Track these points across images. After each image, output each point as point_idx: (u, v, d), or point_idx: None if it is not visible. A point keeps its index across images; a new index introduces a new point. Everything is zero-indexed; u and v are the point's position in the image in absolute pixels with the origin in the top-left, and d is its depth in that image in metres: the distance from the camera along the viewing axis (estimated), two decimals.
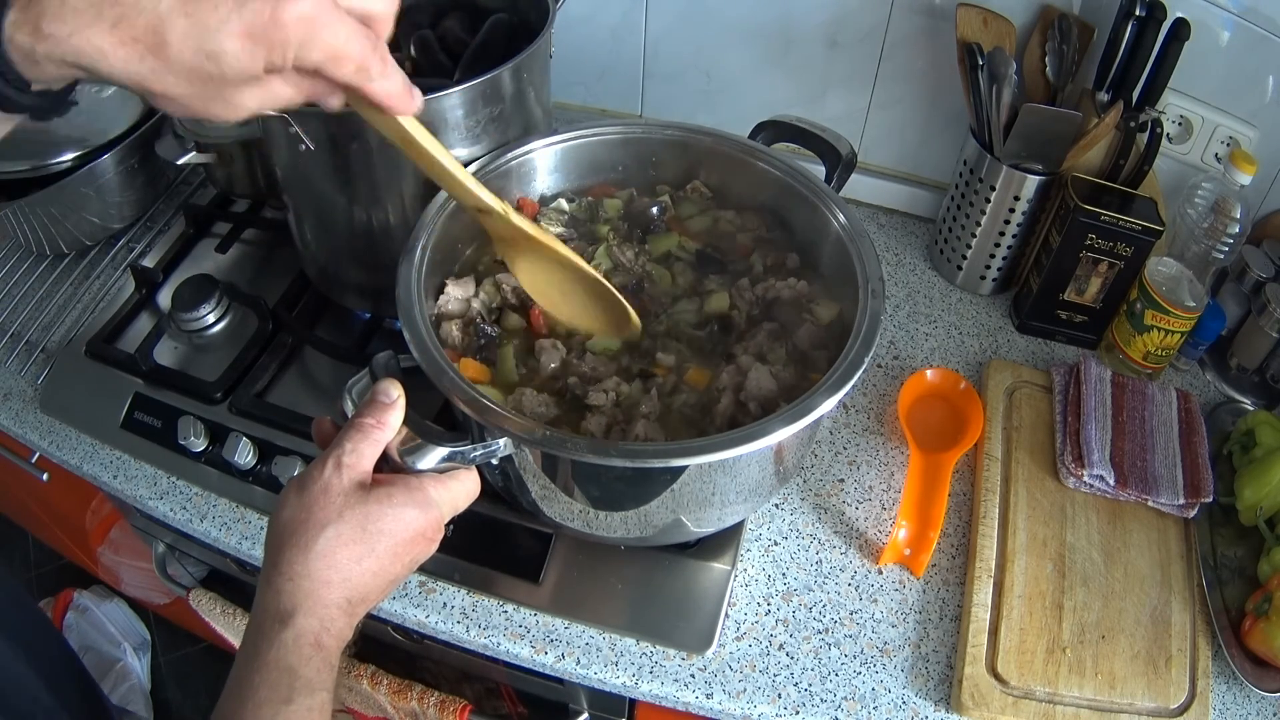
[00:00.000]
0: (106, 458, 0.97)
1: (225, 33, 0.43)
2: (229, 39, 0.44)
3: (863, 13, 1.08)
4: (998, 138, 1.00)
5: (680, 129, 0.90)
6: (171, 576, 1.18)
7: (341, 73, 0.48)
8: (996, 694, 0.78)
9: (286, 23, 0.44)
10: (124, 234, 1.19)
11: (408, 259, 0.75)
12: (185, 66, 0.44)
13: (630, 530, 0.77)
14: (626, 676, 0.81)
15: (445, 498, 0.61)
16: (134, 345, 1.02)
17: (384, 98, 0.51)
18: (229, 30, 0.43)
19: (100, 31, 0.43)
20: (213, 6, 0.43)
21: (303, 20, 0.44)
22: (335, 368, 1.02)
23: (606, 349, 0.79)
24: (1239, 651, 0.81)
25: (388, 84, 0.50)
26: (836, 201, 0.82)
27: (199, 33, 0.43)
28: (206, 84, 0.45)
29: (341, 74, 0.48)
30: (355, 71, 0.48)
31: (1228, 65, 0.96)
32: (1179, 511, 0.90)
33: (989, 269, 1.11)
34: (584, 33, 1.20)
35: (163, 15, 0.43)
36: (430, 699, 0.99)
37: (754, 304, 0.83)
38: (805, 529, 0.91)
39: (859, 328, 0.72)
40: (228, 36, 0.43)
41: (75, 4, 0.42)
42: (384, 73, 0.50)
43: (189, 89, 0.45)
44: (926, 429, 0.98)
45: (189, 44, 0.43)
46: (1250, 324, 1.00)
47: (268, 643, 0.53)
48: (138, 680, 1.75)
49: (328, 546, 0.55)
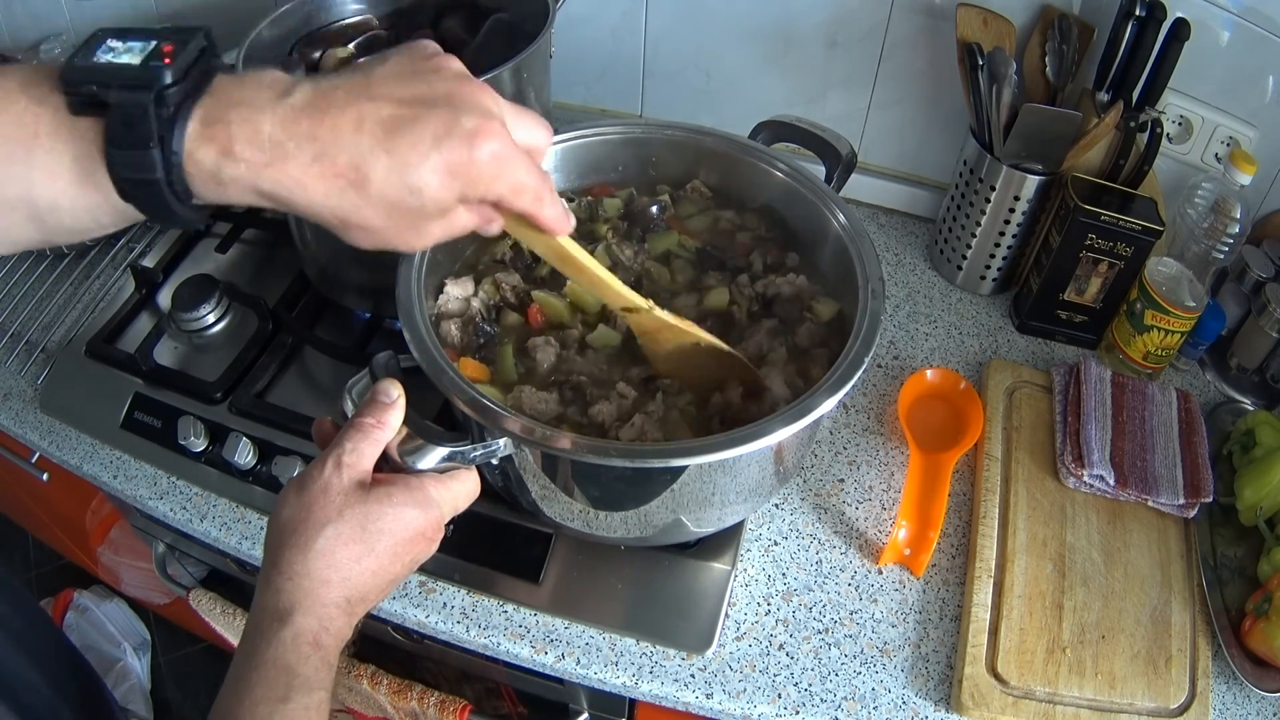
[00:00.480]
0: (106, 458, 0.97)
1: (427, 169, 0.46)
2: (430, 174, 0.46)
3: (863, 13, 1.08)
4: (998, 138, 1.00)
5: (680, 129, 0.90)
6: (171, 576, 1.18)
7: (521, 203, 0.51)
8: (996, 694, 0.78)
9: (481, 160, 0.47)
10: (124, 234, 1.19)
11: (408, 259, 0.75)
12: (386, 201, 0.46)
13: (630, 530, 0.77)
14: (626, 676, 0.81)
15: (445, 497, 0.61)
16: (134, 345, 1.02)
17: (550, 223, 0.54)
18: (430, 166, 0.46)
19: (301, 165, 0.44)
20: (411, 145, 0.45)
21: (494, 158, 0.48)
22: (335, 368, 1.02)
23: (607, 344, 0.79)
24: (1239, 651, 0.81)
25: (554, 210, 0.54)
26: (836, 201, 0.82)
27: (401, 169, 0.45)
28: (404, 216, 0.48)
29: (520, 204, 0.51)
30: (532, 201, 0.52)
31: (1228, 65, 0.96)
32: (1179, 511, 0.90)
33: (989, 269, 1.11)
34: (584, 33, 1.20)
35: (364, 152, 0.45)
36: (430, 699, 0.99)
37: (753, 300, 0.83)
38: (805, 529, 0.91)
39: (859, 328, 0.72)
40: (430, 172, 0.46)
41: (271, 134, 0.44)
42: (552, 201, 0.53)
43: (386, 221, 0.48)
44: (926, 429, 0.98)
45: (391, 180, 0.46)
46: (1250, 324, 1.00)
47: (266, 641, 0.53)
48: (138, 680, 1.75)
49: (327, 546, 0.55)
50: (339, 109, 0.45)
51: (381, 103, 0.46)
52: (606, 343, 0.79)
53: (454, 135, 0.46)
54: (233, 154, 0.44)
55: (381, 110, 0.46)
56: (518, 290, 0.83)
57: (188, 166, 0.44)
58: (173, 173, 0.44)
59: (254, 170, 0.44)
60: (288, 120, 0.44)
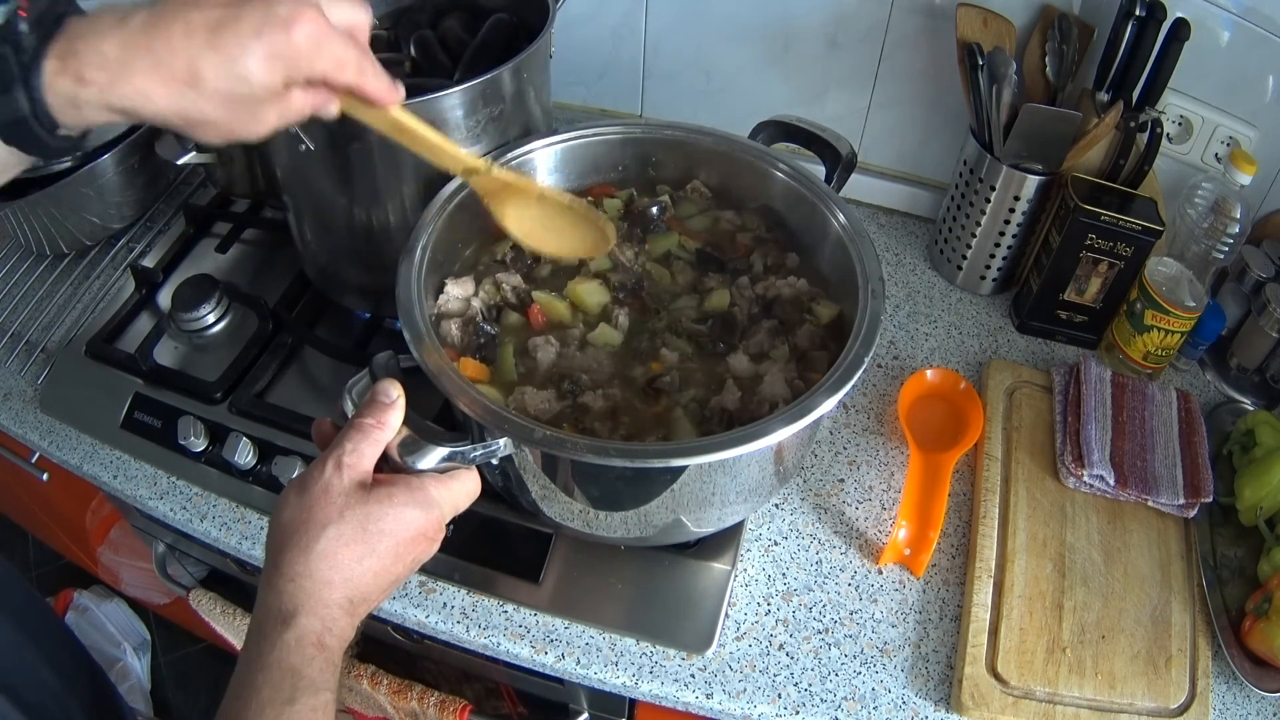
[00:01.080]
0: (106, 458, 0.97)
1: (250, 57, 0.51)
2: (254, 61, 0.51)
3: (863, 13, 1.08)
4: (998, 138, 1.00)
5: (680, 129, 0.90)
6: (171, 576, 1.18)
7: (344, 77, 0.56)
8: (996, 694, 0.78)
9: (298, 41, 0.52)
10: (124, 234, 1.19)
11: (408, 259, 0.75)
12: (221, 93, 0.51)
13: (630, 530, 0.77)
14: (626, 676, 0.81)
15: (446, 497, 0.61)
16: (134, 345, 1.02)
17: (376, 94, 0.58)
18: (253, 55, 0.51)
19: (142, 76, 0.50)
20: (235, 37, 0.50)
21: (309, 37, 0.52)
22: (335, 368, 1.02)
23: (608, 343, 0.79)
24: (1239, 651, 0.81)
25: (378, 82, 0.58)
26: (836, 201, 0.82)
27: (228, 62, 0.51)
28: (240, 104, 0.53)
29: (344, 78, 0.56)
30: (355, 74, 0.56)
31: (1228, 65, 0.96)
32: (1179, 511, 0.90)
33: (989, 269, 1.11)
34: (584, 33, 1.20)
35: (195, 54, 0.50)
36: (430, 699, 0.99)
37: (754, 302, 0.83)
38: (805, 529, 0.91)
39: (859, 328, 0.72)
40: (252, 60, 0.51)
41: (113, 55, 0.49)
42: (375, 72, 0.58)
43: (226, 112, 0.53)
44: (926, 429, 0.98)
45: (221, 73, 0.51)
46: (1250, 324, 1.00)
47: (270, 644, 0.53)
48: (138, 680, 1.75)
49: (329, 547, 0.55)
50: (169, 21, 0.50)
51: (207, 9, 0.51)
52: (607, 342, 0.80)
53: (271, 23, 0.51)
54: (84, 79, 0.49)
55: (207, 15, 0.51)
56: (518, 290, 0.83)
57: (49, 99, 0.49)
58: (37, 107, 0.49)
59: (104, 90, 0.50)
60: (127, 40, 0.50)
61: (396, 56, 0.95)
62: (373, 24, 0.59)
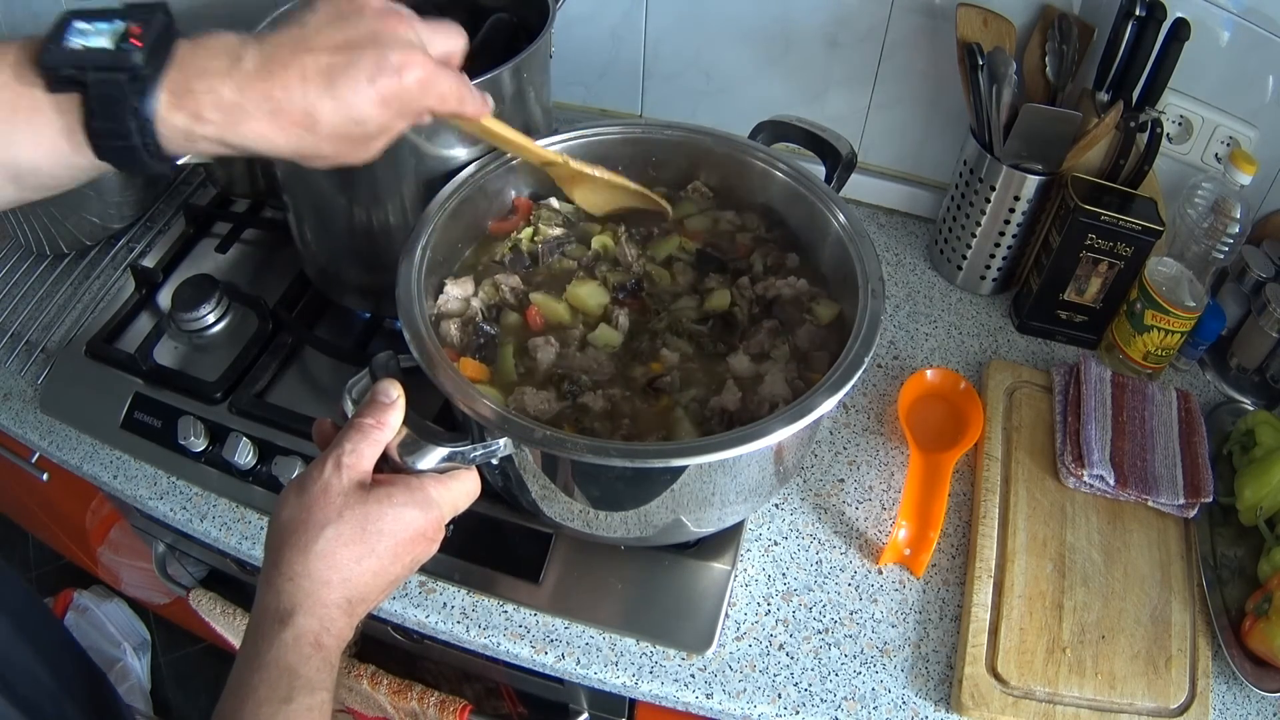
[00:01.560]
0: (106, 458, 0.97)
1: (366, 103, 0.54)
2: (369, 107, 0.54)
3: (863, 13, 1.08)
4: (998, 138, 1.00)
5: (680, 129, 0.90)
6: (171, 576, 1.18)
7: (446, 108, 0.60)
8: (996, 694, 0.78)
9: (409, 86, 0.55)
10: (124, 234, 1.19)
11: (408, 259, 0.75)
12: (337, 135, 0.55)
13: (630, 530, 0.77)
14: (626, 676, 0.81)
15: (446, 498, 0.61)
16: (134, 345, 1.02)
17: (473, 114, 0.63)
18: (368, 101, 0.54)
19: (262, 121, 0.52)
20: (350, 86, 0.53)
21: (420, 82, 0.56)
22: (335, 368, 1.02)
23: (608, 343, 0.79)
24: (1239, 651, 0.81)
25: (474, 103, 0.63)
26: (836, 201, 0.82)
27: (345, 109, 0.53)
28: (352, 142, 0.56)
29: (447, 109, 0.60)
30: (456, 104, 0.60)
31: (1228, 65, 0.96)
32: (1179, 511, 0.90)
33: (989, 269, 1.11)
34: (584, 33, 1.20)
35: (311, 100, 0.52)
36: (430, 699, 0.99)
37: (754, 302, 0.83)
38: (805, 529, 0.91)
39: (859, 328, 0.72)
40: (368, 105, 0.54)
41: (232, 98, 0.51)
42: (471, 96, 0.62)
43: (338, 149, 0.56)
44: (926, 429, 0.98)
45: (338, 118, 0.54)
46: (1250, 324, 1.00)
47: (268, 642, 0.53)
48: (138, 680, 1.75)
49: (327, 546, 0.55)
50: (284, 67, 0.52)
51: (319, 54, 0.53)
52: (608, 342, 0.80)
53: (384, 71, 0.54)
54: (202, 118, 0.51)
55: (320, 60, 0.53)
56: (517, 291, 0.83)
57: (161, 129, 0.51)
58: (147, 137, 0.50)
59: (221, 129, 0.51)
60: (244, 84, 0.51)
61: None
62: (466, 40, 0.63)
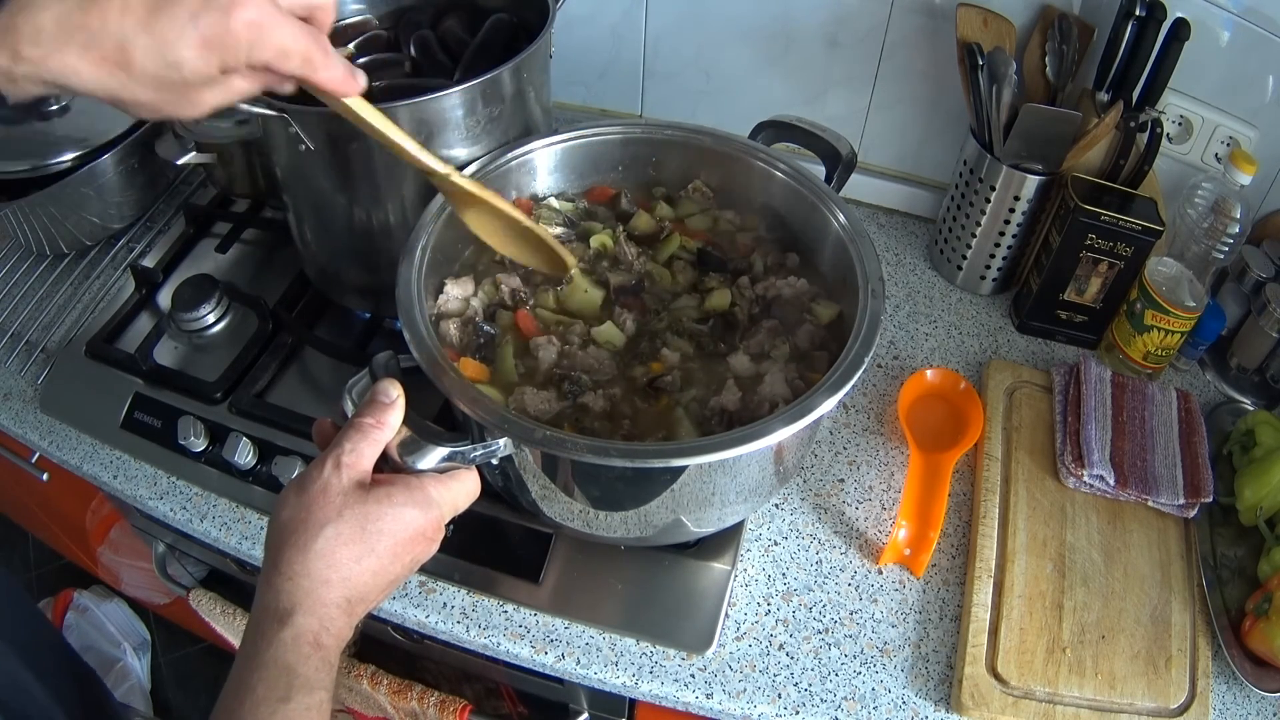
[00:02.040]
0: (106, 458, 0.97)
1: (184, 44, 0.49)
2: (187, 49, 0.49)
3: (863, 13, 1.08)
4: (998, 138, 1.00)
5: (680, 129, 0.90)
6: (171, 576, 1.18)
7: (288, 67, 0.53)
8: (996, 694, 0.78)
9: (236, 29, 0.50)
10: (124, 234, 1.19)
11: (408, 259, 0.75)
12: (150, 76, 0.50)
13: (630, 530, 0.77)
14: (626, 676, 0.81)
15: (446, 498, 0.61)
16: (134, 345, 1.02)
17: (329, 84, 0.56)
18: (187, 41, 0.49)
19: (73, 53, 0.48)
20: (170, 21, 0.49)
21: (250, 25, 0.50)
22: (335, 368, 1.02)
23: (610, 342, 0.79)
24: (1239, 651, 0.81)
25: (331, 72, 0.56)
26: (836, 201, 0.82)
27: (160, 46, 0.49)
28: (171, 89, 0.51)
29: (289, 68, 0.53)
30: (301, 64, 0.53)
31: (1228, 65, 0.96)
32: (1179, 511, 0.90)
33: (989, 269, 1.11)
34: (584, 33, 1.20)
35: (127, 34, 0.48)
36: (430, 699, 0.99)
37: (754, 302, 0.83)
38: (805, 529, 0.91)
39: (859, 328, 0.72)
40: (186, 47, 0.49)
41: (48, 30, 0.48)
42: (326, 63, 0.55)
43: (156, 95, 0.51)
44: (926, 429, 0.98)
45: (152, 57, 0.49)
46: (1250, 324, 1.00)
47: (267, 642, 0.53)
48: (138, 680, 1.75)
49: (327, 546, 0.55)
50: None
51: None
52: (609, 341, 0.80)
53: (210, 8, 0.49)
54: (19, 54, 0.48)
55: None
56: (516, 291, 0.83)
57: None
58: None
59: (36, 64, 0.48)
60: (63, 15, 0.48)
61: (396, 57, 0.95)
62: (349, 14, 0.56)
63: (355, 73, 0.58)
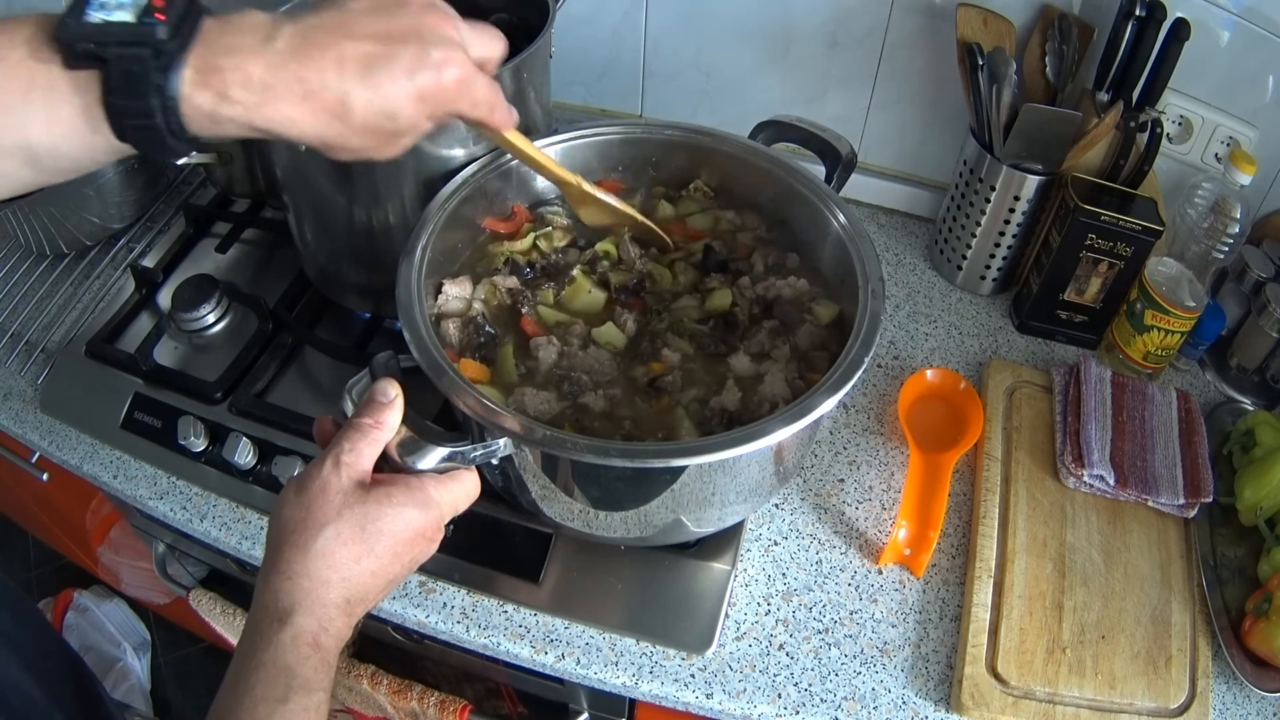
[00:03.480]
0: (106, 458, 0.97)
1: (402, 97, 0.53)
2: (405, 101, 0.53)
3: (863, 13, 1.08)
4: (998, 138, 1.00)
5: (680, 129, 0.90)
6: (171, 576, 1.18)
7: (477, 114, 0.59)
8: (996, 694, 0.78)
9: (447, 84, 0.54)
10: (124, 234, 1.19)
11: (408, 259, 0.75)
12: (368, 127, 0.53)
13: (630, 530, 0.77)
14: (626, 676, 0.81)
15: (445, 498, 0.61)
16: (134, 345, 1.02)
17: (499, 124, 0.63)
18: (405, 95, 0.53)
19: (292, 104, 0.50)
20: (389, 76, 0.52)
21: (458, 82, 0.55)
22: (335, 368, 1.02)
23: (610, 343, 0.79)
24: (1239, 651, 0.81)
25: (503, 114, 0.62)
26: (836, 201, 0.82)
27: (380, 100, 0.52)
28: (382, 136, 0.55)
29: (477, 115, 0.59)
30: (488, 111, 0.60)
31: (1228, 65, 0.96)
32: (1179, 511, 0.90)
33: (989, 269, 1.11)
34: (584, 33, 1.20)
35: (347, 89, 0.51)
36: (430, 699, 0.99)
37: (755, 302, 0.83)
38: (805, 529, 0.91)
39: (859, 328, 0.72)
40: (404, 100, 0.53)
41: (262, 78, 0.49)
42: (502, 107, 0.61)
43: (368, 141, 0.54)
44: (926, 429, 0.98)
45: (371, 109, 0.52)
46: (1250, 324, 1.00)
47: (265, 641, 0.53)
48: (138, 680, 1.75)
49: (326, 546, 0.55)
50: (320, 50, 0.50)
51: (359, 41, 0.51)
52: (610, 341, 0.80)
53: (424, 66, 0.53)
54: (228, 98, 0.49)
55: (360, 48, 0.51)
56: (514, 291, 0.83)
57: (184, 110, 0.49)
58: (170, 116, 0.48)
59: (248, 110, 0.49)
60: (275, 64, 0.49)
61: None
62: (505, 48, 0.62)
63: (512, 110, 0.64)
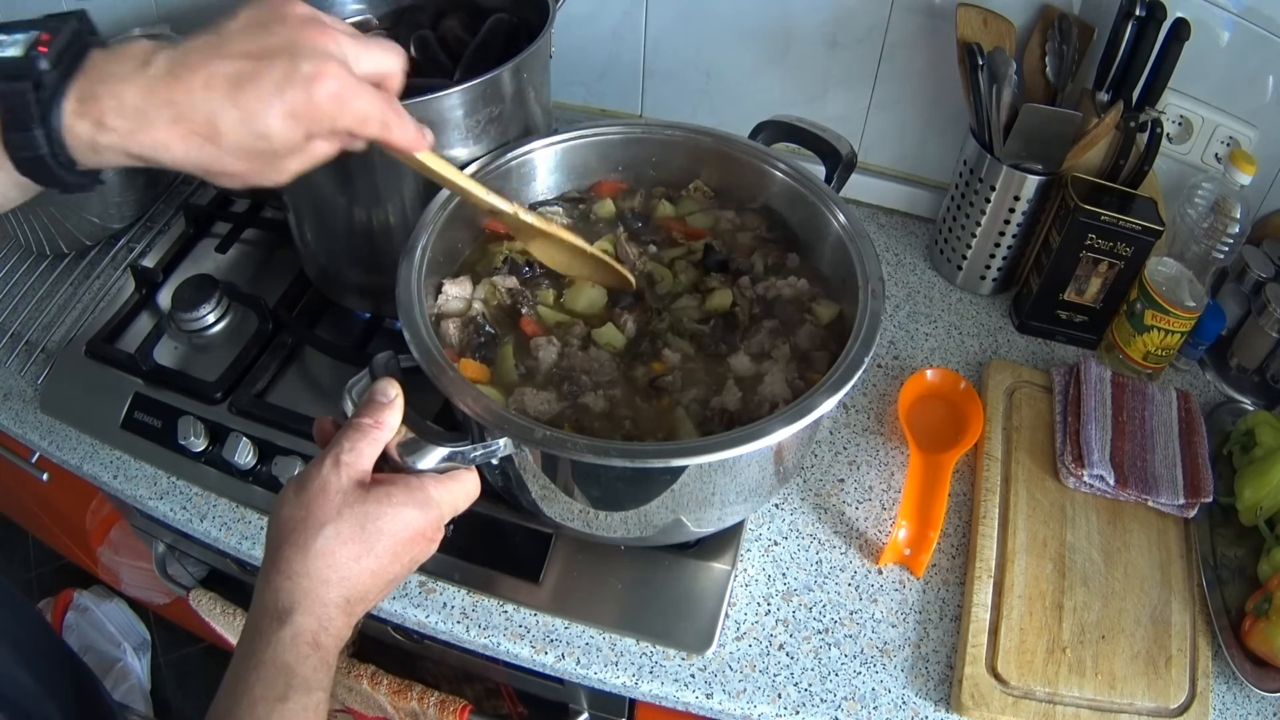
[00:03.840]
0: (106, 458, 0.97)
1: (271, 115, 0.50)
2: (274, 120, 0.50)
3: (863, 13, 1.08)
4: (998, 138, 1.00)
5: (680, 129, 0.90)
6: (171, 576, 1.18)
7: (368, 131, 0.55)
8: (996, 694, 0.78)
9: (320, 100, 0.51)
10: (124, 234, 1.19)
11: (408, 259, 0.75)
12: (240, 148, 0.51)
13: (630, 530, 0.77)
14: (626, 676, 0.81)
15: (445, 498, 0.61)
16: (134, 345, 1.02)
17: (404, 143, 0.59)
18: (274, 113, 0.50)
19: (163, 128, 0.49)
20: (256, 94, 0.50)
21: (332, 96, 0.52)
22: (335, 368, 1.02)
23: (610, 344, 0.79)
24: (1239, 651, 0.81)
25: (405, 132, 0.58)
26: (836, 201, 0.82)
27: (248, 119, 0.50)
28: (260, 159, 0.52)
29: (368, 132, 0.56)
30: (380, 128, 0.56)
31: (1228, 65, 0.96)
32: (1179, 511, 0.90)
33: (989, 269, 1.11)
34: (584, 33, 1.20)
35: (215, 109, 0.49)
36: (430, 699, 0.99)
37: (755, 302, 0.83)
38: (805, 529, 0.91)
39: (859, 328, 0.72)
40: (273, 118, 0.50)
41: (134, 104, 0.48)
42: (400, 124, 0.57)
43: (246, 165, 0.52)
44: (926, 429, 0.98)
45: (241, 129, 0.50)
46: (1250, 324, 1.00)
47: (265, 641, 0.53)
48: (138, 680, 1.75)
49: (326, 545, 0.55)
50: (190, 71, 0.49)
51: (229, 59, 0.50)
52: (610, 342, 0.80)
53: (293, 82, 0.50)
54: (104, 125, 0.49)
55: (228, 67, 0.50)
56: (514, 292, 0.83)
57: (68, 140, 0.49)
58: (55, 147, 0.49)
59: (124, 138, 0.49)
60: (147, 89, 0.49)
61: None
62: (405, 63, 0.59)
63: (424, 130, 0.60)
